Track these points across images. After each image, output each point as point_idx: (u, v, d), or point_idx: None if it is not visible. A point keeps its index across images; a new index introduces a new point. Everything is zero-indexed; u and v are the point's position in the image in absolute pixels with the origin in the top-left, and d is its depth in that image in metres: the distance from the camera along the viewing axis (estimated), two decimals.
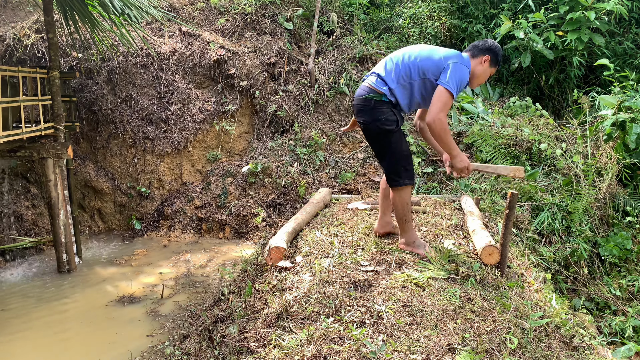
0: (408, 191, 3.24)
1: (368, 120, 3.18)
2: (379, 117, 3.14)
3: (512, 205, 3.21)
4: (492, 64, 3.23)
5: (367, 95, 3.18)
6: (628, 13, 7.04)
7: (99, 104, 7.98)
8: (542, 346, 2.44)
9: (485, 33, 8.26)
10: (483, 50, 3.21)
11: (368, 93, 3.18)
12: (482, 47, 3.22)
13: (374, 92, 3.16)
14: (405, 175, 3.20)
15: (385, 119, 3.14)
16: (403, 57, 3.21)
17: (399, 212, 3.27)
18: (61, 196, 6.28)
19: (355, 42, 8.96)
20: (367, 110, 3.17)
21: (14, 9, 9.00)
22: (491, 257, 3.26)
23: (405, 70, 3.16)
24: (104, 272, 6.32)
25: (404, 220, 3.27)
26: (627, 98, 5.92)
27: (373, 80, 3.20)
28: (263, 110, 8.38)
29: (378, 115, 3.14)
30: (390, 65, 3.20)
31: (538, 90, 8.37)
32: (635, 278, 5.10)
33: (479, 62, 3.21)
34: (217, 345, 2.79)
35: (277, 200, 7.52)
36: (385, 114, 3.14)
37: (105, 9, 5.99)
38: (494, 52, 3.21)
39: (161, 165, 8.18)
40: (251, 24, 8.95)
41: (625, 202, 5.75)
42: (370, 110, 3.16)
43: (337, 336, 2.34)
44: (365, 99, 3.18)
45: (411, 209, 3.29)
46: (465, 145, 7.29)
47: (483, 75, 3.25)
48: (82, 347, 4.52)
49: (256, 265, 3.66)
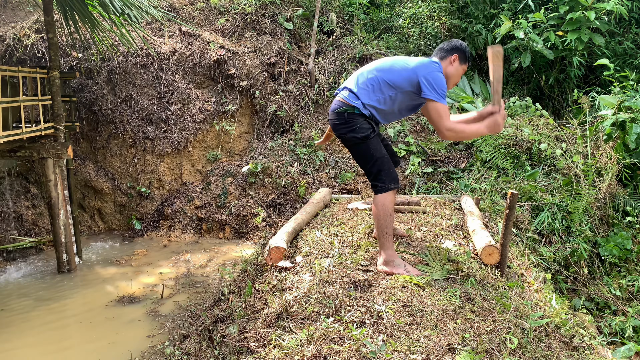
0: (392, 197, 3.18)
1: (343, 132, 3.20)
2: (353, 127, 3.16)
3: (512, 206, 3.21)
4: (461, 61, 3.25)
5: (340, 109, 3.19)
6: (628, 13, 7.04)
7: (99, 104, 7.98)
8: (542, 346, 2.44)
9: (485, 33, 8.26)
10: (449, 51, 3.24)
11: (340, 107, 3.20)
12: (448, 47, 3.25)
13: (346, 106, 3.18)
14: (388, 180, 3.16)
15: (360, 127, 3.15)
16: (369, 72, 3.24)
17: (380, 223, 3.16)
18: (61, 196, 6.28)
19: (355, 42, 8.96)
20: (342, 123, 3.19)
21: (14, 9, 9.00)
22: (491, 257, 3.26)
23: (376, 85, 3.18)
24: (104, 272, 6.32)
25: (385, 234, 3.15)
26: (627, 98, 5.92)
27: (345, 95, 3.22)
28: (263, 110, 8.38)
29: (351, 125, 3.16)
30: (362, 80, 3.22)
31: (538, 90, 8.37)
32: (635, 278, 5.10)
33: (448, 62, 3.23)
34: (217, 345, 2.79)
35: (277, 200, 7.52)
36: (359, 123, 3.16)
37: (105, 9, 5.99)
38: (460, 50, 3.24)
39: (161, 165, 8.18)
40: (251, 24, 8.96)
41: (625, 202, 5.75)
42: (344, 123, 3.18)
43: (337, 336, 2.34)
44: (338, 113, 3.20)
45: (393, 222, 3.20)
46: (465, 145, 7.29)
47: (455, 74, 3.26)
48: (82, 347, 4.53)
49: (256, 265, 3.67)
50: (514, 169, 6.30)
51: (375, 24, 9.99)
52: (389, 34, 9.67)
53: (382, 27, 9.88)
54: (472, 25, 8.40)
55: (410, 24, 9.72)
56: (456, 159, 7.14)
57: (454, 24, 8.70)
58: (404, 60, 3.23)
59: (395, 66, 3.20)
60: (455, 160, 7.12)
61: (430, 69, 3.10)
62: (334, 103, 3.28)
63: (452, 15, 8.83)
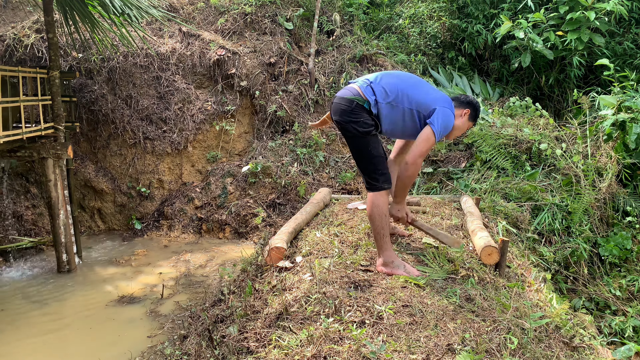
0: (385, 198, 3.14)
1: (344, 120, 3.14)
2: (357, 119, 3.10)
3: (504, 252, 3.30)
4: (470, 118, 3.31)
5: (351, 96, 3.13)
6: (628, 13, 7.04)
7: (99, 104, 7.98)
8: (542, 346, 2.44)
9: (485, 33, 8.26)
10: (464, 104, 3.28)
11: (353, 95, 3.14)
12: (464, 100, 3.29)
13: (360, 96, 3.12)
14: (382, 179, 3.12)
15: (364, 121, 3.10)
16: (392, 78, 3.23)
17: (375, 225, 3.12)
18: (61, 196, 6.28)
19: (355, 42, 8.96)
20: (346, 111, 3.12)
21: (14, 9, 9.00)
22: (490, 257, 3.26)
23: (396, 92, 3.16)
24: (104, 272, 6.32)
25: (382, 235, 3.11)
26: (627, 98, 5.92)
27: (363, 86, 3.16)
28: (263, 110, 8.38)
29: (355, 117, 3.11)
30: (385, 81, 3.19)
31: (538, 90, 8.37)
32: (635, 278, 5.10)
33: (459, 114, 3.27)
34: (217, 345, 2.79)
35: (277, 200, 7.52)
36: (364, 117, 3.11)
37: (105, 9, 5.99)
38: (474, 107, 3.29)
39: (161, 165, 8.18)
40: (251, 24, 8.95)
41: (625, 202, 5.75)
42: (350, 111, 3.11)
43: (337, 336, 2.34)
44: (348, 99, 3.13)
45: (388, 223, 3.18)
46: (465, 145, 7.29)
47: (461, 127, 3.31)
48: (82, 347, 4.52)
49: (256, 265, 3.66)
50: (514, 169, 6.30)
51: (375, 24, 10.00)
52: (389, 34, 9.67)
53: (382, 27, 9.88)
54: (472, 25, 8.41)
55: (410, 24, 9.73)
56: (456, 159, 7.14)
57: (454, 24, 8.70)
58: (430, 86, 3.28)
59: (421, 86, 3.22)
60: (455, 161, 7.12)
61: (448, 108, 3.14)
62: (347, 89, 3.21)
63: (452, 15, 8.84)
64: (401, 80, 3.22)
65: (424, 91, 3.20)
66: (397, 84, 3.18)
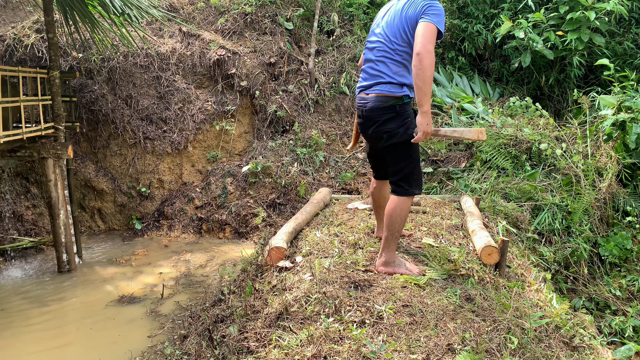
0: (410, 203, 3.06)
1: (394, 127, 2.90)
2: (406, 123, 2.90)
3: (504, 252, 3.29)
4: None
5: (387, 103, 2.90)
6: (628, 13, 7.04)
7: (99, 104, 7.98)
8: (542, 346, 2.44)
9: (485, 33, 8.26)
10: None
11: (386, 102, 2.91)
12: None
13: (393, 99, 2.91)
14: (415, 184, 3.01)
15: (412, 121, 2.90)
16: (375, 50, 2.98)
17: (393, 227, 2.99)
18: (61, 196, 6.28)
19: (355, 42, 8.96)
20: (393, 118, 2.91)
21: (14, 9, 9.00)
22: (491, 257, 3.26)
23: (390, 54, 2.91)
24: (104, 272, 6.32)
25: (394, 237, 3.02)
26: (627, 98, 5.92)
27: (385, 88, 2.93)
28: (263, 110, 8.39)
29: (404, 119, 2.91)
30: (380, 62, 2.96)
31: (538, 90, 8.37)
32: (635, 278, 5.10)
33: None
34: (217, 345, 2.79)
35: (277, 200, 7.52)
36: (411, 117, 2.92)
37: (106, 9, 5.99)
38: None
39: (161, 165, 8.18)
40: (251, 24, 8.95)
41: (625, 202, 5.75)
42: (396, 116, 2.91)
43: (337, 336, 2.34)
44: (385, 107, 2.90)
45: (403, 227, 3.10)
46: (465, 145, 7.29)
47: None
48: (82, 347, 4.52)
49: (256, 265, 3.67)
50: (514, 169, 6.30)
51: None
52: None
53: None
54: (472, 25, 8.41)
55: None
56: (456, 159, 7.14)
57: (454, 24, 8.70)
58: (395, 11, 2.96)
59: (392, 23, 2.95)
60: (455, 160, 7.12)
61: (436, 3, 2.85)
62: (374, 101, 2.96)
63: (452, 15, 8.83)
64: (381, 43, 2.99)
65: (397, 19, 2.91)
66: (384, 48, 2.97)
